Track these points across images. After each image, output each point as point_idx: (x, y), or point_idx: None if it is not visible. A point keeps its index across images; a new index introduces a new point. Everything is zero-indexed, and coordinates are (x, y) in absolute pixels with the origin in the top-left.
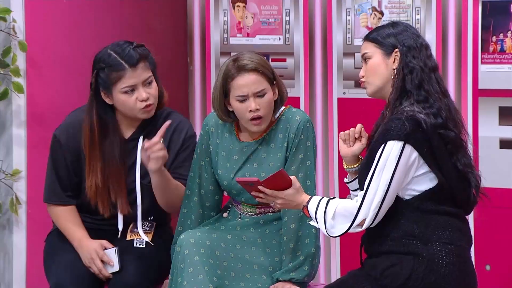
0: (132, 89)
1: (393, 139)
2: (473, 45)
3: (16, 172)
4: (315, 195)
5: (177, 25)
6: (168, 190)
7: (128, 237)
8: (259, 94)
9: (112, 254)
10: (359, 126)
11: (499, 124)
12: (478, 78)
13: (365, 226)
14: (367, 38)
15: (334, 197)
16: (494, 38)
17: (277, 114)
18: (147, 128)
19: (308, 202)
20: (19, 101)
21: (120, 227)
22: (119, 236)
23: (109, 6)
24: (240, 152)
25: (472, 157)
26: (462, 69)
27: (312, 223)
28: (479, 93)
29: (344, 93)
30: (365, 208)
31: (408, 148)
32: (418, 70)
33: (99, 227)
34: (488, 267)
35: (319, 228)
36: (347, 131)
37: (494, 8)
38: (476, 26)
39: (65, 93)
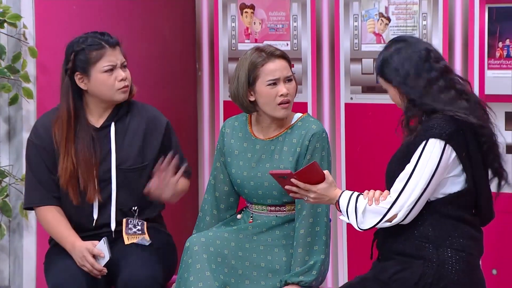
0: (111, 68)
1: (435, 137)
2: (480, 51)
3: None
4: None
5: (185, 31)
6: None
7: (127, 241)
8: (289, 79)
9: (101, 245)
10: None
11: (506, 129)
12: (484, 84)
13: (394, 221)
14: (377, 72)
15: (362, 193)
16: (500, 44)
17: (294, 119)
18: (117, 115)
19: (339, 197)
20: (28, 107)
21: (95, 215)
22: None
23: (118, 12)
24: (253, 150)
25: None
26: (468, 75)
27: (343, 218)
28: (485, 98)
29: (352, 98)
30: (400, 203)
31: (449, 148)
32: (417, 100)
33: (92, 239)
34: (494, 271)
35: (349, 223)
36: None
37: (501, 13)
38: (482, 31)
39: None
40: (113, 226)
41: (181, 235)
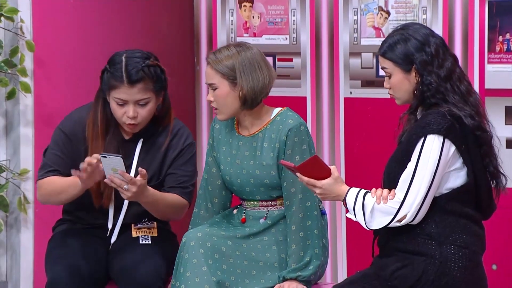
0: (124, 103)
1: (434, 133)
2: (480, 45)
3: (24, 171)
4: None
5: (184, 25)
6: (157, 207)
7: (134, 234)
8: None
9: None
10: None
11: (506, 124)
12: (484, 78)
13: (404, 222)
14: (382, 55)
15: (369, 191)
16: (500, 38)
17: (273, 114)
18: (148, 132)
19: (346, 194)
20: (26, 101)
21: (110, 224)
22: (111, 243)
23: (116, 6)
24: (237, 147)
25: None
26: (468, 69)
27: (350, 216)
28: (485, 92)
29: (351, 92)
30: (408, 203)
31: (448, 142)
32: (433, 87)
33: (93, 232)
34: (494, 267)
35: (357, 221)
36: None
37: (501, 7)
38: (482, 25)
39: (72, 92)
40: (113, 239)
41: (179, 232)
